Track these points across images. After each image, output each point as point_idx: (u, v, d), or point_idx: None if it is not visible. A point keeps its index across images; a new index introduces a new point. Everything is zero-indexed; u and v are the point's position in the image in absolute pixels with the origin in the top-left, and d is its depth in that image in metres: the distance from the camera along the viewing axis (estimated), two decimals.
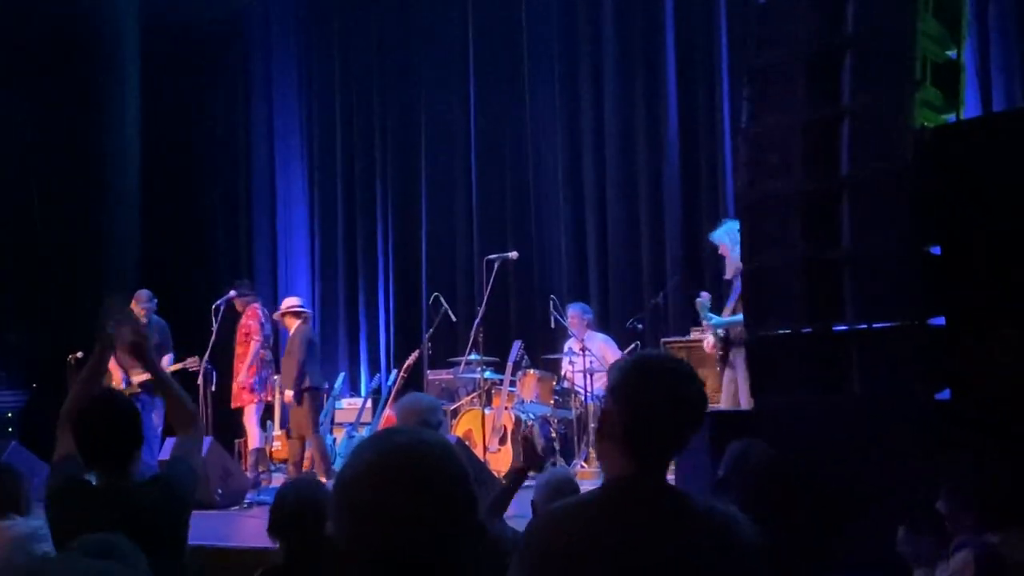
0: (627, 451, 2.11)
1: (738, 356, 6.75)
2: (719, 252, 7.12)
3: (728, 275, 7.03)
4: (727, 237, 6.90)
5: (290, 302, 9.08)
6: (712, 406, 7.89)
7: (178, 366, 8.93)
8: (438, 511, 1.52)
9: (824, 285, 4.30)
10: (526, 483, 3.94)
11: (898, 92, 4.20)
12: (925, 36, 4.27)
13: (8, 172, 10.98)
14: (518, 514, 3.86)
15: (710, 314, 7.08)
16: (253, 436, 8.87)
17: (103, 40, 11.92)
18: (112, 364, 8.99)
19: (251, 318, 8.93)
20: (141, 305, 9.10)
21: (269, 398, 9.15)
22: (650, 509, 2.06)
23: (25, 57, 11.08)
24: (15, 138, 11.16)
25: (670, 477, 2.19)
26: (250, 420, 8.87)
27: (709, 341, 7.10)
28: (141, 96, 12.17)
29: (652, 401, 2.10)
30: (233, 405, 8.95)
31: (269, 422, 9.79)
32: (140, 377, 8.66)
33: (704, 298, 7.20)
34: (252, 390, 8.81)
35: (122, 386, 8.80)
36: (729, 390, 6.89)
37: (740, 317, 6.48)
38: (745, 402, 6.49)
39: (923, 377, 4.03)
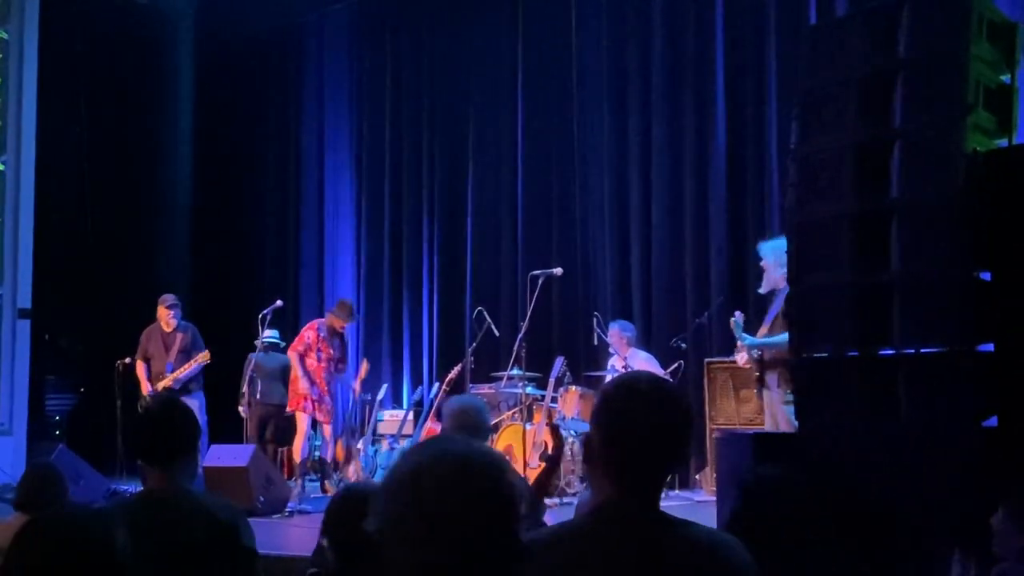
0: (609, 476, 2.07)
1: (772, 377, 6.73)
2: (761, 264, 7.10)
3: (763, 289, 7.04)
4: (771, 254, 6.89)
5: None
6: (756, 428, 7.87)
7: (191, 364, 9.00)
8: (483, 523, 1.50)
9: (872, 308, 4.27)
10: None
11: (950, 116, 4.18)
12: (978, 60, 4.24)
13: (62, 182, 11.19)
14: None
15: (744, 334, 7.08)
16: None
17: (158, 53, 12.13)
18: (139, 371, 9.15)
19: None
20: (167, 306, 9.16)
21: None
22: (634, 535, 2.02)
23: (80, 69, 11.29)
24: (70, 149, 11.38)
25: (711, 499, 2.18)
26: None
27: (743, 357, 7.07)
28: (194, 109, 12.38)
29: (630, 426, 2.05)
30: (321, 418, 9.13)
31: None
32: (165, 382, 8.83)
33: (738, 317, 7.19)
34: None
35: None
36: (768, 412, 6.86)
37: (775, 339, 6.60)
38: (784, 424, 6.47)
39: (971, 403, 3.99)
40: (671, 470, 2.15)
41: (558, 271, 9.08)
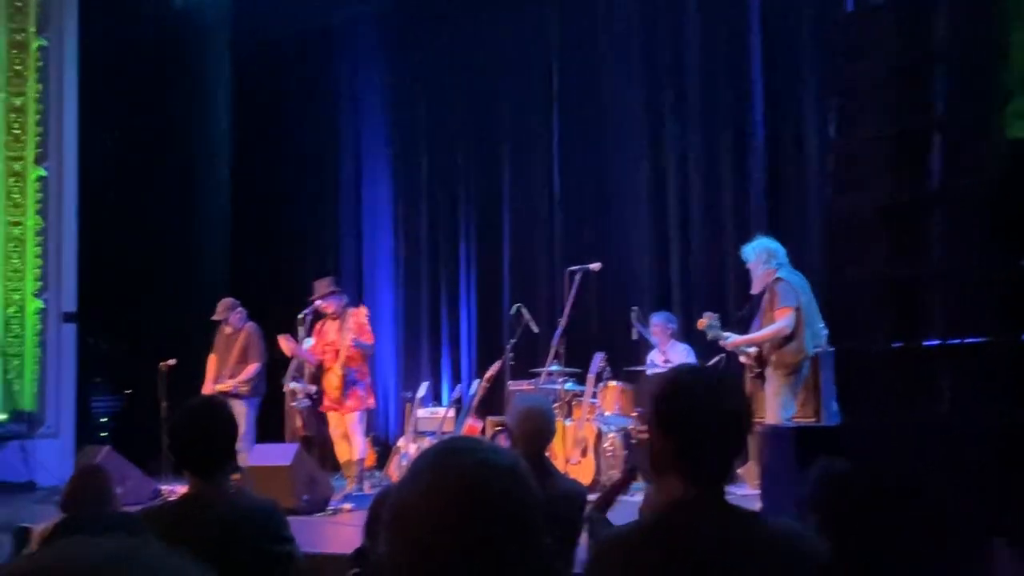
0: (684, 477, 2.04)
1: (768, 372, 6.86)
2: (747, 266, 7.29)
3: (755, 290, 7.16)
4: (753, 254, 7.14)
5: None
6: (799, 422, 7.87)
7: (242, 375, 9.06)
8: (501, 539, 1.40)
9: (913, 300, 4.24)
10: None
11: (990, 104, 4.13)
12: (1018, 46, 4.19)
13: (104, 187, 11.31)
14: None
15: (726, 332, 7.23)
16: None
17: (195, 58, 12.25)
18: (208, 366, 9.21)
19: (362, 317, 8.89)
20: (220, 315, 9.22)
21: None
22: (715, 531, 2.00)
23: (119, 75, 11.40)
24: (110, 154, 11.51)
25: (755, 492, 2.17)
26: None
27: (748, 356, 7.25)
28: (232, 113, 12.49)
29: (702, 423, 2.03)
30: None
31: None
32: (224, 386, 8.90)
33: (712, 319, 7.32)
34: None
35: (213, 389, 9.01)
36: (767, 404, 6.98)
37: (758, 334, 7.05)
38: (773, 417, 6.74)
39: (1014, 394, 3.95)
40: (736, 460, 2.14)
41: (596, 266, 9.04)
